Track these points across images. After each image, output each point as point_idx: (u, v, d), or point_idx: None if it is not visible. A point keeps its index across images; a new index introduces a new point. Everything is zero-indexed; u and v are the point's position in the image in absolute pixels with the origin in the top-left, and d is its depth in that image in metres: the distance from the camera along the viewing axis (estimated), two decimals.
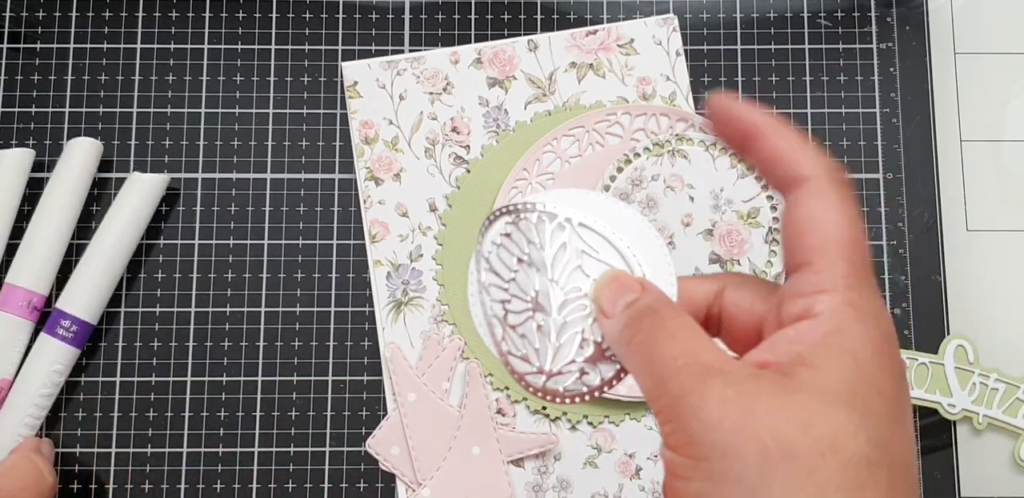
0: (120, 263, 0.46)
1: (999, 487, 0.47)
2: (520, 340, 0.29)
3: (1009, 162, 0.51)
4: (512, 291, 0.29)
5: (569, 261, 0.29)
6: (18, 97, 0.50)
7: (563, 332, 0.29)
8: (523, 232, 0.30)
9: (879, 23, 0.51)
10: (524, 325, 0.29)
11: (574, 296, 0.29)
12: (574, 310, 0.29)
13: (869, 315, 0.23)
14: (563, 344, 0.29)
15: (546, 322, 0.29)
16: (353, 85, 0.49)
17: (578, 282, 0.29)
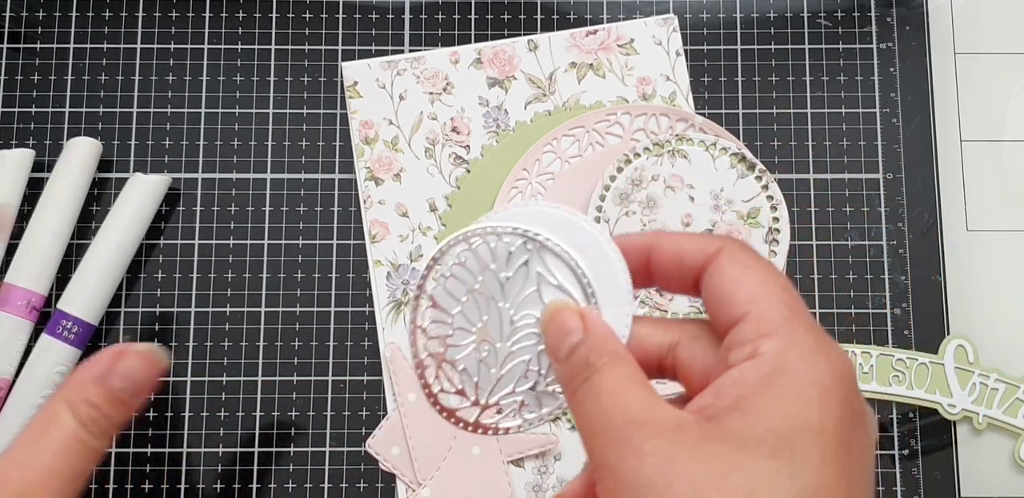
0: (121, 264, 0.46)
1: (999, 487, 0.47)
2: (457, 375, 0.28)
3: (1009, 162, 0.51)
4: (456, 324, 0.28)
5: (526, 285, 0.28)
6: (18, 97, 0.50)
7: (508, 361, 0.27)
8: (479, 257, 0.28)
9: (879, 23, 0.51)
10: (465, 358, 0.28)
11: (525, 324, 0.27)
12: (524, 338, 0.27)
13: (816, 354, 0.22)
14: (506, 374, 0.27)
15: (492, 352, 0.28)
16: (353, 85, 0.49)
17: (532, 308, 0.27)
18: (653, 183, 0.48)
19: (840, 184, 0.50)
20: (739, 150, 0.48)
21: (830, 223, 0.49)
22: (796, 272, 0.49)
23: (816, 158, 0.50)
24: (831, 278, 0.49)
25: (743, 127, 0.50)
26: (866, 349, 0.48)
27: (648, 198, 0.48)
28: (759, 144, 0.50)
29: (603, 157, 0.48)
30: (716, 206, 0.47)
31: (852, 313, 0.49)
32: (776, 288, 0.24)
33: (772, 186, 0.48)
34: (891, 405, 0.48)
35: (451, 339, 0.28)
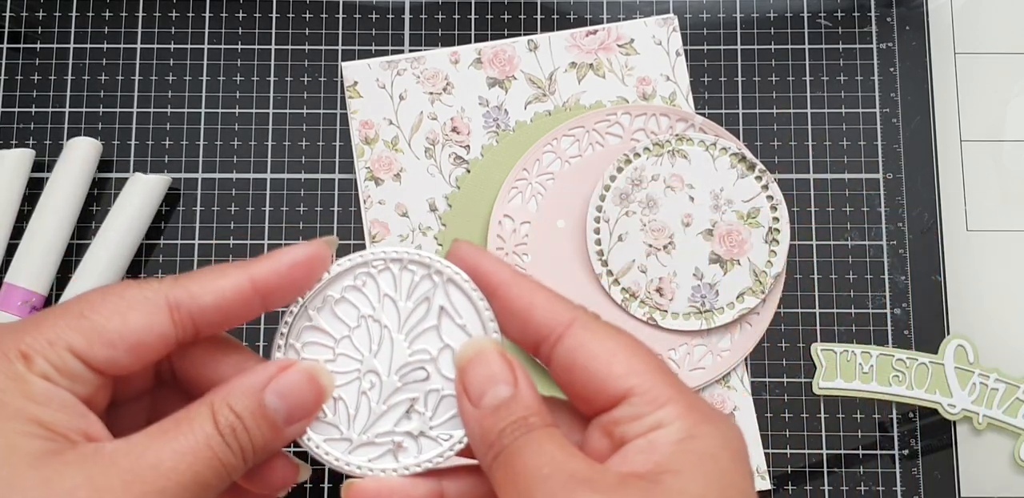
0: (121, 264, 0.46)
1: (999, 487, 0.47)
2: (332, 403, 0.25)
3: (1009, 162, 0.51)
4: (341, 349, 0.26)
5: (426, 319, 0.26)
6: (18, 97, 0.50)
7: (393, 397, 0.26)
8: (379, 284, 0.26)
9: (879, 23, 0.51)
10: (346, 387, 0.26)
11: (418, 359, 0.26)
12: (414, 374, 0.26)
13: (715, 419, 0.23)
14: (387, 411, 0.26)
15: (376, 384, 0.26)
16: (353, 85, 0.49)
17: (429, 344, 0.26)
18: (653, 183, 0.48)
19: (840, 184, 0.50)
20: (739, 150, 0.48)
21: (830, 223, 0.49)
22: (796, 272, 0.49)
23: (816, 158, 0.50)
24: (831, 278, 0.49)
25: (743, 127, 0.50)
26: (866, 349, 0.48)
27: (648, 198, 0.48)
28: (759, 144, 0.50)
29: (603, 157, 0.48)
30: (716, 206, 0.47)
31: (852, 313, 0.49)
32: (647, 357, 0.24)
33: (772, 186, 0.48)
34: (891, 405, 0.48)
35: (332, 365, 0.26)
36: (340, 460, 0.25)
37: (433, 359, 0.26)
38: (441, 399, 0.26)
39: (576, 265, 0.47)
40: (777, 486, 0.47)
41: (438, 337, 0.26)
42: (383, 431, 0.26)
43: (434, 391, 0.26)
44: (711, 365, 0.47)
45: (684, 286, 0.47)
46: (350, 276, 0.26)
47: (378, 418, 0.26)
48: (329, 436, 0.26)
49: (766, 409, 0.48)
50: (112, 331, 0.22)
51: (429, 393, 0.26)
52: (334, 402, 0.26)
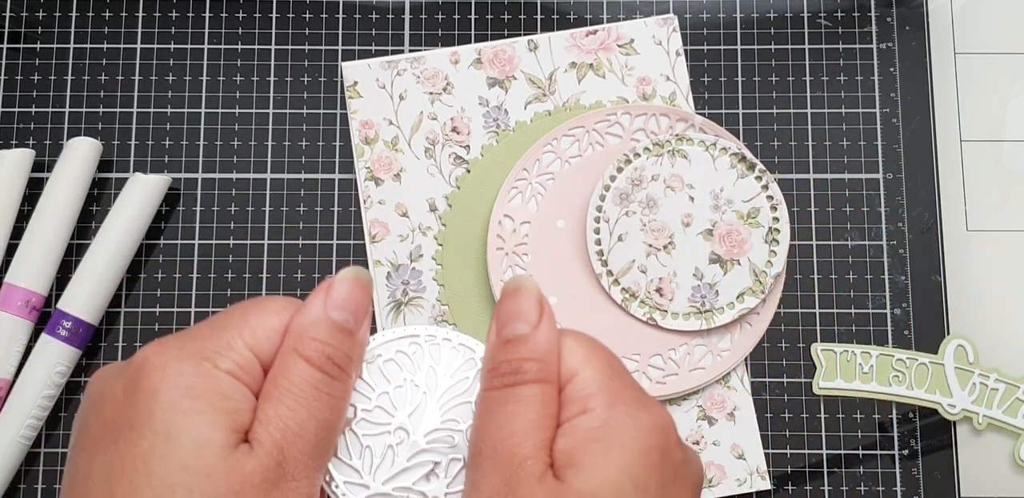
0: (121, 264, 0.46)
1: (999, 487, 0.47)
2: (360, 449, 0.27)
3: (1009, 162, 0.51)
4: (378, 403, 0.28)
5: (464, 395, 0.28)
6: (18, 97, 0.50)
7: (417, 456, 0.27)
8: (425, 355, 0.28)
9: (879, 23, 0.51)
10: (375, 437, 0.27)
11: (448, 427, 0.27)
12: (442, 440, 0.27)
13: (639, 409, 0.25)
14: (409, 467, 0.27)
15: (405, 441, 0.27)
16: (353, 85, 0.49)
17: (460, 416, 0.27)
18: (653, 183, 0.48)
19: (840, 184, 0.50)
20: (739, 150, 0.48)
21: (830, 223, 0.49)
22: (796, 272, 0.49)
23: (816, 158, 0.50)
24: (831, 278, 0.49)
25: (743, 127, 0.50)
26: (866, 349, 0.48)
27: (648, 198, 0.48)
28: (759, 144, 0.50)
29: (603, 157, 0.48)
30: (716, 206, 0.47)
31: (852, 313, 0.49)
32: (603, 353, 0.26)
33: (772, 186, 0.48)
34: (891, 405, 0.48)
35: (369, 415, 0.27)
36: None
37: (462, 431, 0.27)
38: (462, 468, 0.27)
39: (576, 265, 0.47)
40: (777, 486, 0.47)
41: (471, 412, 0.27)
42: (401, 486, 0.27)
43: (456, 460, 0.27)
44: (711, 365, 0.47)
45: (684, 286, 0.47)
46: (402, 342, 0.28)
47: (399, 473, 0.27)
48: (350, 479, 0.27)
49: (766, 409, 0.48)
50: (272, 328, 0.26)
51: (452, 460, 0.27)
52: (361, 448, 0.27)
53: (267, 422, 0.24)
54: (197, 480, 0.23)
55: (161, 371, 0.24)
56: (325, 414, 0.25)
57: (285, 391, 0.25)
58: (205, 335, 0.26)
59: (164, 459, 0.23)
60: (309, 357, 0.25)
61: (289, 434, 0.24)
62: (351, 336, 0.26)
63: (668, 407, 0.47)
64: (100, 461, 0.24)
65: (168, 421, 0.23)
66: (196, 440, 0.23)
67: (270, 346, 0.26)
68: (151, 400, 0.24)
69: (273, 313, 0.26)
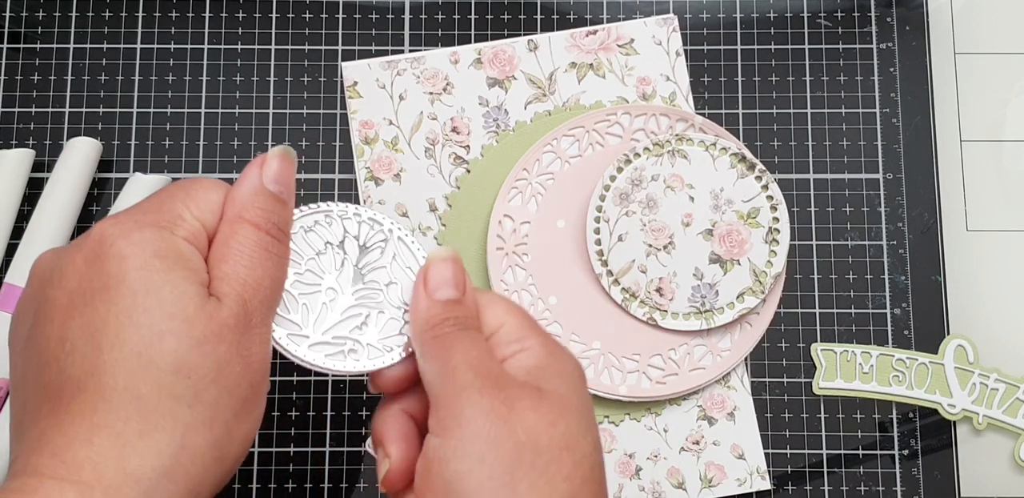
0: None
1: (999, 487, 0.47)
2: (298, 306, 0.30)
3: (1009, 162, 0.51)
4: (308, 267, 0.31)
5: (382, 259, 0.32)
6: (18, 97, 0.50)
7: (349, 311, 0.31)
8: (345, 228, 0.32)
9: (879, 23, 0.51)
10: (310, 296, 0.31)
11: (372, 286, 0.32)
12: (367, 297, 0.31)
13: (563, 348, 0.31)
14: (343, 320, 0.31)
15: (336, 299, 0.31)
16: (353, 85, 0.49)
17: (380, 278, 0.32)
18: (653, 183, 0.48)
19: (840, 184, 0.50)
20: (739, 150, 0.48)
21: (830, 223, 0.49)
22: (796, 272, 0.49)
23: (816, 158, 0.50)
24: (831, 278, 0.49)
25: (743, 127, 0.50)
26: (866, 349, 0.48)
27: (648, 198, 0.48)
28: (759, 144, 0.50)
29: (603, 157, 0.48)
30: (716, 206, 0.47)
31: (852, 313, 0.49)
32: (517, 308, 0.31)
33: (772, 186, 0.48)
34: (891, 405, 0.48)
35: (301, 277, 0.31)
36: (300, 352, 0.30)
37: (383, 290, 0.32)
38: (388, 321, 0.31)
39: (576, 265, 0.47)
40: (777, 486, 0.47)
41: (388, 275, 0.32)
42: (338, 335, 0.31)
43: (382, 313, 0.31)
44: (711, 365, 0.47)
45: (684, 286, 0.47)
46: (319, 216, 0.32)
47: (335, 324, 0.31)
48: (292, 332, 0.30)
49: (766, 409, 0.48)
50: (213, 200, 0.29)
51: (378, 313, 0.31)
52: (298, 305, 0.30)
53: (226, 279, 0.28)
54: (182, 326, 0.26)
55: (125, 238, 0.27)
56: (274, 272, 0.29)
57: (239, 252, 0.28)
58: (155, 208, 0.28)
59: (148, 311, 0.26)
60: (256, 222, 0.29)
61: (248, 288, 0.28)
62: (285, 205, 0.30)
63: (668, 407, 0.47)
64: (77, 325, 0.26)
65: (144, 279, 0.26)
66: (174, 293, 0.26)
67: (212, 217, 0.29)
68: (122, 263, 0.26)
69: (211, 189, 0.29)
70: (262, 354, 0.28)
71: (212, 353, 0.26)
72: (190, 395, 0.26)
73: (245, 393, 0.28)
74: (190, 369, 0.26)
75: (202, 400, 0.26)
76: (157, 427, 0.25)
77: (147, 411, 0.25)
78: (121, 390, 0.25)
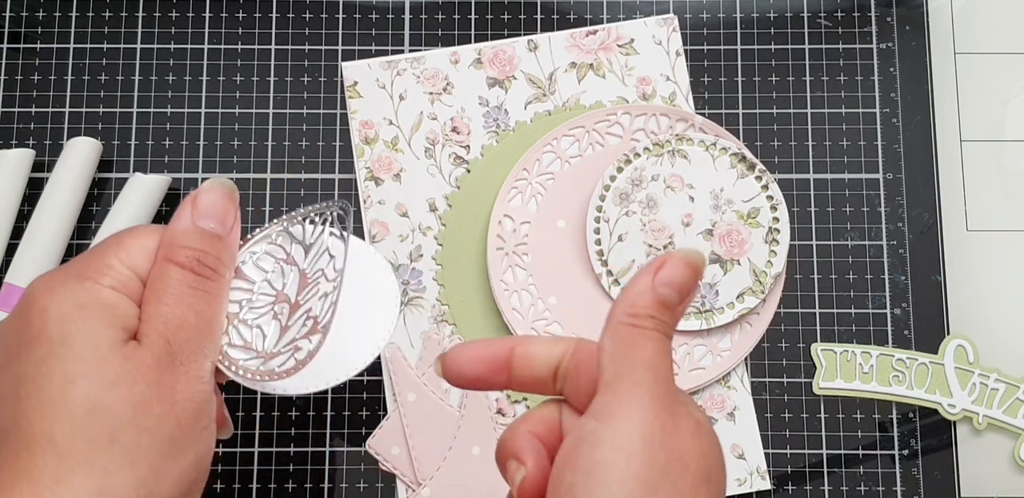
0: None
1: (999, 487, 0.47)
2: (250, 331, 0.31)
3: (1009, 162, 0.51)
4: (259, 290, 0.32)
5: (321, 245, 0.32)
6: (18, 97, 0.50)
7: (295, 312, 0.31)
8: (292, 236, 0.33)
9: (879, 23, 0.51)
10: (262, 317, 0.31)
11: (315, 277, 0.32)
12: (312, 290, 0.31)
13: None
14: (291, 325, 0.31)
15: (285, 308, 0.31)
16: (353, 85, 0.49)
17: (322, 263, 0.32)
18: (653, 183, 0.48)
19: (840, 184, 0.50)
20: (739, 150, 0.48)
21: (830, 223, 0.49)
22: (796, 272, 0.49)
23: (816, 158, 0.50)
24: (831, 278, 0.49)
25: (743, 127, 0.50)
26: (866, 349, 0.48)
27: (648, 198, 0.48)
28: (759, 144, 0.50)
29: (603, 157, 0.48)
30: (716, 206, 0.47)
31: (852, 313, 0.49)
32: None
33: (772, 186, 0.48)
34: (891, 405, 0.48)
35: (251, 303, 0.31)
36: (251, 373, 0.30)
37: (323, 273, 0.32)
38: (324, 298, 0.31)
39: (576, 265, 0.47)
40: (777, 486, 0.47)
41: (330, 256, 0.32)
42: (288, 341, 0.31)
43: (324, 295, 0.31)
44: (711, 365, 0.47)
45: None
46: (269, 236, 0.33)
47: (284, 332, 0.31)
48: (244, 357, 0.31)
49: (766, 409, 0.48)
50: (146, 247, 0.29)
51: (319, 298, 0.31)
52: (251, 330, 0.31)
53: (149, 320, 0.28)
54: (95, 368, 0.26)
55: (49, 293, 0.27)
56: (202, 307, 0.29)
57: (162, 293, 0.28)
58: (85, 260, 0.29)
59: (61, 357, 0.26)
60: (180, 262, 0.29)
61: (171, 326, 0.28)
62: (219, 240, 0.30)
63: None
64: (6, 379, 0.27)
65: (61, 328, 0.27)
66: (89, 338, 0.27)
67: (145, 263, 0.29)
68: (43, 316, 0.27)
69: (145, 235, 0.30)
70: (190, 392, 0.28)
71: (127, 394, 0.26)
72: (105, 438, 0.26)
73: (171, 433, 0.27)
74: (103, 411, 0.26)
75: (119, 442, 0.26)
76: (74, 472, 0.25)
77: (63, 456, 0.25)
78: (38, 437, 0.26)
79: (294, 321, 0.31)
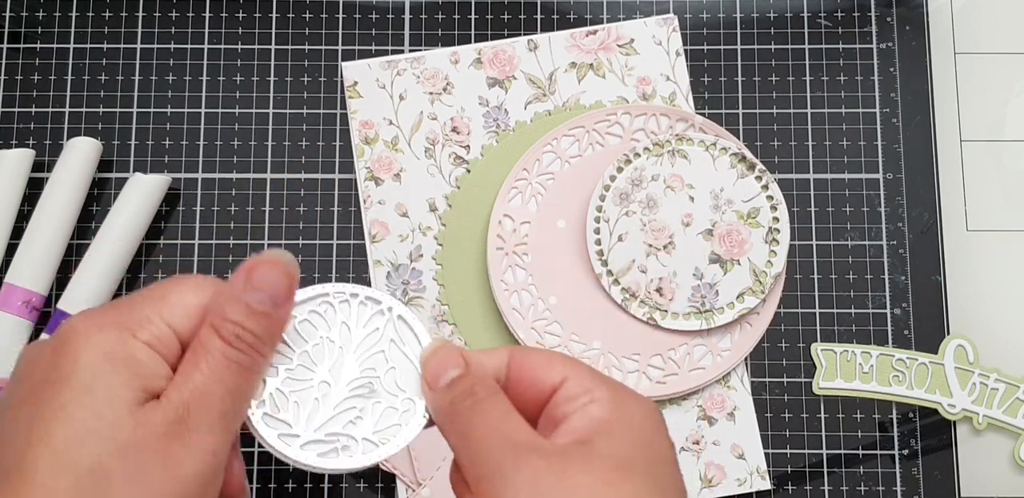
0: (121, 264, 0.46)
1: (999, 487, 0.47)
2: (289, 404, 0.30)
3: (1009, 162, 0.51)
4: (300, 361, 0.30)
5: (377, 345, 0.31)
6: (18, 97, 0.50)
7: (342, 405, 0.30)
8: (337, 312, 0.31)
9: (879, 23, 0.51)
10: (302, 392, 0.30)
11: (367, 375, 0.31)
12: (361, 388, 0.30)
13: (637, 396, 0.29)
14: (336, 415, 0.30)
15: (329, 393, 0.30)
16: (353, 85, 0.49)
17: (377, 365, 0.31)
18: (653, 183, 0.48)
19: (840, 184, 0.50)
20: (739, 150, 0.48)
21: (830, 223, 0.49)
22: (796, 272, 0.49)
23: (816, 158, 0.50)
24: (831, 278, 0.49)
25: (743, 127, 0.50)
26: (866, 349, 0.48)
27: (648, 198, 0.48)
28: (759, 144, 0.50)
29: (603, 157, 0.48)
30: (716, 206, 0.47)
31: (852, 313, 0.49)
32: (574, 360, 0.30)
33: (772, 186, 0.48)
34: (891, 405, 0.48)
35: (293, 373, 0.30)
36: (291, 453, 0.29)
37: (379, 377, 0.31)
38: (384, 410, 0.30)
39: (576, 265, 0.47)
40: (777, 486, 0.47)
41: (385, 360, 0.31)
42: (332, 432, 0.30)
43: (378, 403, 0.30)
44: (711, 365, 0.47)
45: (684, 286, 0.47)
46: (313, 303, 0.31)
47: (328, 420, 0.30)
48: (283, 432, 0.30)
49: (766, 409, 0.48)
50: (188, 305, 0.29)
51: (375, 404, 0.30)
52: (289, 403, 0.30)
53: (180, 384, 0.28)
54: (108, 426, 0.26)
55: (85, 338, 0.27)
56: (234, 381, 0.28)
57: (200, 360, 0.28)
58: (127, 308, 0.28)
59: (81, 407, 0.26)
60: (222, 335, 0.28)
61: (196, 394, 0.27)
62: (266, 317, 0.29)
63: (668, 407, 0.47)
64: (25, 413, 0.27)
65: (87, 379, 0.27)
66: (110, 394, 0.27)
67: (186, 321, 0.29)
68: (73, 362, 0.27)
69: (190, 291, 0.29)
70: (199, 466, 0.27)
71: (133, 459, 0.26)
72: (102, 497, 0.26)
73: None
74: (105, 473, 0.26)
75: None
76: None
77: None
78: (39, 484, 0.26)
79: (339, 412, 0.30)
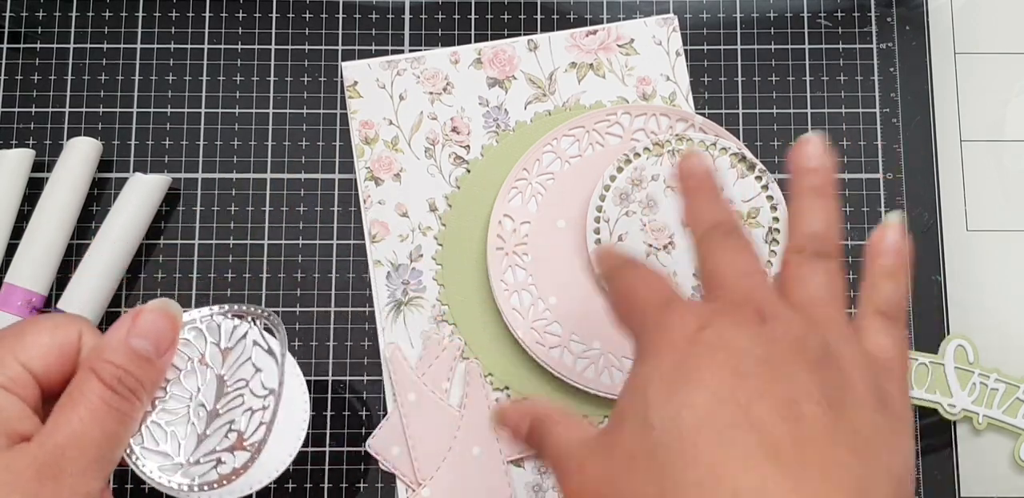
0: (121, 264, 0.46)
1: (999, 487, 0.47)
2: (165, 435, 0.30)
3: (1009, 162, 0.51)
4: (172, 391, 0.31)
5: (243, 354, 0.32)
6: (18, 97, 0.50)
7: (215, 422, 0.31)
8: (206, 334, 0.32)
9: (879, 23, 0.51)
10: (177, 421, 0.31)
11: (236, 387, 0.31)
12: (233, 401, 0.31)
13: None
14: (210, 435, 0.31)
15: (203, 415, 0.31)
16: (353, 85, 0.49)
17: (245, 373, 0.32)
18: (653, 183, 0.48)
19: (840, 184, 0.50)
20: (739, 150, 0.48)
21: None
22: None
23: None
24: None
25: (743, 127, 0.50)
26: None
27: (648, 198, 0.48)
28: (759, 144, 0.50)
29: (603, 157, 0.48)
30: None
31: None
32: None
33: (772, 186, 0.48)
34: None
35: (166, 404, 0.31)
36: (172, 481, 0.30)
37: (247, 384, 0.32)
38: (252, 414, 0.31)
39: (576, 265, 0.47)
40: None
41: (253, 367, 0.32)
42: (207, 451, 0.31)
43: (248, 410, 0.31)
44: None
45: (684, 286, 0.47)
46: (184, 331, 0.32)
47: (202, 441, 0.31)
48: (163, 463, 0.30)
49: None
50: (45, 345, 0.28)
51: (245, 412, 0.31)
52: (166, 434, 0.30)
53: (55, 428, 0.27)
54: None
55: None
56: (111, 426, 0.28)
57: (77, 403, 0.28)
58: None
59: None
60: (103, 377, 0.28)
61: (73, 438, 0.27)
62: (149, 363, 0.29)
63: None
64: None
65: None
66: None
67: (43, 362, 0.28)
68: None
69: (46, 331, 0.29)
70: None
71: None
72: None
73: None
74: None
75: None
76: None
77: None
78: None
79: (213, 431, 0.31)
